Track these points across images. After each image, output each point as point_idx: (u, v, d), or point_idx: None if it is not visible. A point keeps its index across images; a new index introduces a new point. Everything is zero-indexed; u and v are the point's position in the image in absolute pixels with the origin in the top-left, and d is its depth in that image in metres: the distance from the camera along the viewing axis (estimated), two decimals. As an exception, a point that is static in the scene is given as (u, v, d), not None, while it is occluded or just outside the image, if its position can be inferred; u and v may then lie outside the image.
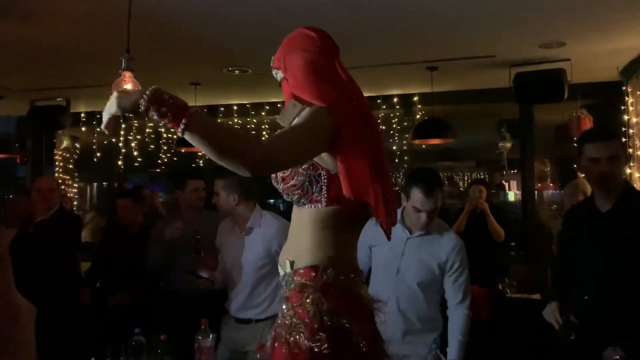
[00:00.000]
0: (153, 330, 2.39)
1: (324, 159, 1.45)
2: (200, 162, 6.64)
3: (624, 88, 4.65)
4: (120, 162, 6.85)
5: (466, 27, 3.77)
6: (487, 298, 3.79)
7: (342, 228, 1.50)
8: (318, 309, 1.39)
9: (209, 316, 2.43)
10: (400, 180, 8.90)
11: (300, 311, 1.42)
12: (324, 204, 1.46)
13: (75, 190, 7.68)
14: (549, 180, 7.84)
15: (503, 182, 8.43)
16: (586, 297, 2.24)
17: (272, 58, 1.60)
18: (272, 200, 7.65)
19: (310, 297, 1.41)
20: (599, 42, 4.01)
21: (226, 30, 3.79)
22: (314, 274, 1.45)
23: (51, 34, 3.82)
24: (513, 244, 5.36)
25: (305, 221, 1.51)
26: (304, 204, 1.49)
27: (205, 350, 2.32)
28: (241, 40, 3.98)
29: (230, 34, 3.87)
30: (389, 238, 1.56)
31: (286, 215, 1.87)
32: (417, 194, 2.41)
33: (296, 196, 1.49)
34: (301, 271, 1.47)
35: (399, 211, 2.56)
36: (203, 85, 5.33)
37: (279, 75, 1.58)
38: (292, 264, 1.50)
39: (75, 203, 7.31)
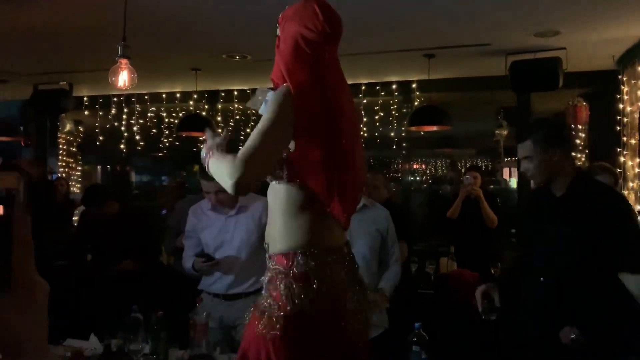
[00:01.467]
0: (150, 308, 2.48)
1: None
2: (202, 146, 6.71)
3: (619, 77, 4.69)
4: (122, 146, 6.92)
5: (463, 16, 3.81)
6: (478, 282, 3.87)
7: (314, 210, 1.55)
8: (290, 293, 1.48)
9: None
10: (398, 166, 8.96)
11: (275, 294, 1.51)
12: (285, 179, 1.53)
13: (79, 173, 7.78)
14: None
15: (500, 169, 8.47)
16: (542, 279, 2.32)
17: (281, 14, 1.64)
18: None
19: (283, 283, 1.50)
20: (594, 31, 4.04)
21: (226, 16, 3.84)
22: (285, 260, 1.52)
23: (53, 18, 3.88)
24: (514, 230, 5.42)
25: (276, 198, 1.58)
26: (270, 180, 1.58)
27: (199, 327, 2.41)
28: (241, 26, 4.03)
29: (230, 20, 3.91)
30: (345, 227, 1.64)
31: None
32: None
33: None
34: (275, 257, 1.56)
35: None
36: (203, 71, 5.39)
37: (278, 30, 1.63)
38: (267, 247, 1.60)
39: (78, 185, 7.41)
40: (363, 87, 5.72)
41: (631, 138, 4.43)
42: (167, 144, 7.24)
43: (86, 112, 6.86)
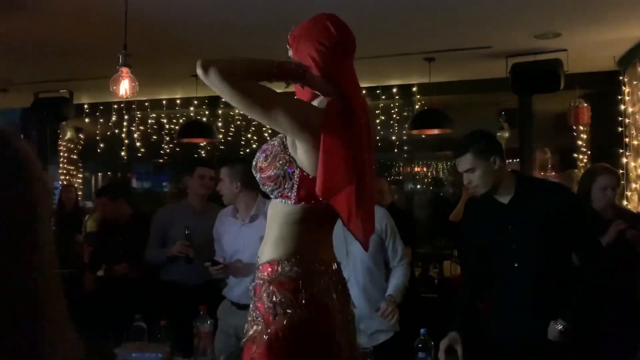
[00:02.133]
0: (153, 317, 2.47)
1: (300, 158, 1.47)
2: (202, 152, 6.71)
3: (620, 78, 4.68)
4: (123, 153, 6.92)
5: (463, 19, 3.81)
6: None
7: (311, 223, 1.52)
8: (273, 303, 1.44)
9: (207, 303, 2.51)
10: (400, 170, 8.95)
11: (259, 305, 1.47)
12: (293, 200, 1.49)
13: (80, 180, 7.77)
14: (549, 168, 7.88)
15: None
16: (517, 284, 2.34)
17: (289, 34, 1.60)
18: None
19: (266, 292, 1.46)
20: (595, 32, 4.04)
21: (226, 23, 3.84)
22: (270, 268, 1.49)
23: (54, 27, 3.88)
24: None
25: (275, 214, 1.54)
26: (276, 197, 1.53)
27: (204, 335, 2.40)
28: (241, 33, 4.03)
29: (230, 26, 3.92)
30: (365, 248, 1.61)
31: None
32: None
33: (269, 188, 1.52)
34: (261, 267, 1.52)
35: None
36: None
37: (290, 52, 1.60)
38: (258, 260, 1.56)
39: (80, 193, 7.40)
40: (364, 91, 5.70)
41: (633, 139, 4.41)
42: (167, 151, 7.24)
43: (87, 120, 6.86)
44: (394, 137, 6.00)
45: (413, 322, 2.59)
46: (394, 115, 5.98)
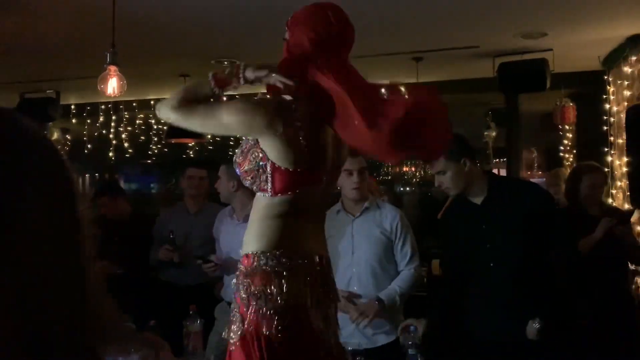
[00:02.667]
0: (143, 316, 2.45)
1: (267, 150, 1.50)
2: (191, 152, 6.69)
3: (605, 77, 4.73)
4: (111, 154, 6.87)
5: (451, 18, 3.83)
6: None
7: (291, 215, 1.53)
8: (247, 293, 1.46)
9: (197, 303, 2.51)
10: (389, 169, 8.98)
11: (237, 297, 1.50)
12: (270, 193, 1.52)
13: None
14: (535, 167, 7.96)
15: (490, 170, 8.52)
16: (493, 285, 2.37)
17: (291, 15, 1.61)
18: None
19: (242, 284, 1.48)
20: (580, 32, 4.08)
21: (215, 22, 3.83)
22: (247, 261, 1.51)
23: (40, 26, 3.85)
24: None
25: (256, 207, 1.57)
26: (257, 191, 1.57)
27: (194, 336, 2.39)
28: (230, 32, 4.02)
29: (219, 25, 3.91)
30: (435, 156, 1.74)
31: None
32: None
33: (248, 182, 1.57)
34: (240, 259, 1.54)
35: (339, 203, 2.78)
36: (192, 77, 5.36)
37: (286, 34, 1.61)
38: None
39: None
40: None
41: (618, 137, 4.47)
42: (156, 151, 7.20)
43: (74, 120, 6.80)
44: (382, 137, 6.01)
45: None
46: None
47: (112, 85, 2.97)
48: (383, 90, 1.50)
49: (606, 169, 4.25)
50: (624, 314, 3.07)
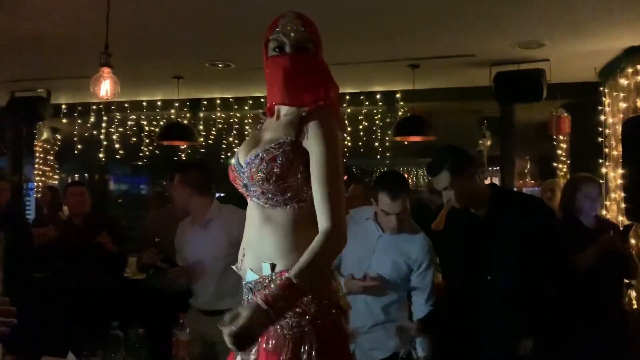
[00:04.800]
0: (130, 324, 2.40)
1: (306, 160, 1.47)
2: (183, 155, 6.62)
3: (601, 89, 4.74)
4: (101, 155, 6.79)
5: (448, 27, 3.81)
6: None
7: (314, 226, 1.47)
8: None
9: (186, 310, 2.45)
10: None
11: (299, 310, 1.42)
12: (308, 202, 1.47)
13: (57, 182, 7.60)
14: (528, 177, 7.97)
15: (484, 179, 8.54)
16: (489, 298, 2.36)
17: (304, 29, 1.54)
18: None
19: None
20: (577, 43, 4.08)
21: (209, 24, 3.78)
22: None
23: (32, 24, 3.78)
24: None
25: (283, 221, 1.49)
26: (286, 204, 1.49)
27: (182, 344, 2.33)
28: (225, 34, 3.97)
29: (213, 28, 3.86)
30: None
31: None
32: (384, 198, 2.50)
33: (288, 195, 1.47)
34: (278, 274, 1.46)
35: (373, 209, 2.64)
36: (186, 79, 5.31)
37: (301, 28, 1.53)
38: (272, 266, 1.47)
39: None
40: (347, 97, 5.70)
41: (613, 149, 4.46)
42: (147, 153, 7.12)
43: (64, 120, 6.72)
44: (376, 144, 5.99)
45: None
46: (377, 122, 5.97)
47: (105, 88, 2.91)
48: None
49: (600, 181, 4.25)
50: (618, 328, 3.06)
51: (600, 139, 4.68)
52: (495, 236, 2.35)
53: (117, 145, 6.74)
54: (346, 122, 5.34)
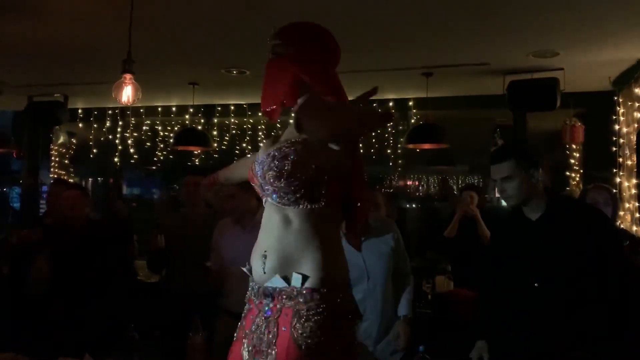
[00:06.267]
0: (147, 326, 2.43)
1: (323, 158, 1.44)
2: (196, 160, 6.68)
3: (615, 98, 4.72)
4: (116, 159, 6.87)
5: (462, 35, 3.83)
6: (476, 301, 3.84)
7: (332, 226, 1.49)
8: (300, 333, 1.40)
9: (201, 313, 2.48)
10: (394, 183, 8.97)
11: (281, 327, 1.43)
12: (322, 203, 1.46)
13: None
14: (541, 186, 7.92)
15: (494, 187, 8.49)
16: (526, 310, 2.26)
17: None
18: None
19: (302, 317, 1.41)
20: (592, 52, 4.08)
21: (226, 31, 3.83)
22: (311, 296, 1.44)
23: (51, 30, 3.85)
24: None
25: (302, 223, 1.48)
26: (298, 203, 1.47)
27: (198, 347, 2.36)
28: (240, 42, 4.02)
29: (229, 35, 3.91)
30: (359, 248, 1.61)
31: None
32: None
33: (299, 194, 1.45)
34: (322, 291, 1.44)
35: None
36: (201, 85, 5.37)
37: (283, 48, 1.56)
38: (304, 279, 1.45)
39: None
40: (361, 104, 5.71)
41: (627, 159, 4.45)
42: (161, 158, 7.19)
43: (80, 125, 6.81)
44: (389, 151, 6.01)
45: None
46: (390, 129, 5.99)
47: (127, 94, 2.96)
48: None
49: (614, 190, 4.23)
50: None
51: (614, 149, 4.66)
52: (545, 241, 2.23)
53: (131, 150, 6.81)
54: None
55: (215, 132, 6.35)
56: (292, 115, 1.63)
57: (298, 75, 1.50)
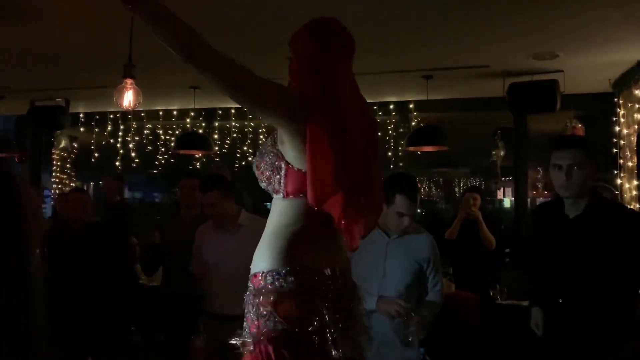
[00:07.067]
0: (149, 330, 2.44)
1: (286, 151, 1.49)
2: (197, 164, 6.69)
3: (615, 100, 4.73)
4: (117, 163, 6.88)
5: (462, 38, 3.84)
6: (478, 304, 3.85)
7: (303, 220, 1.49)
8: (256, 314, 1.44)
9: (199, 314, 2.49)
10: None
11: (246, 316, 1.47)
12: (282, 194, 1.50)
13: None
14: (541, 188, 7.93)
15: (497, 189, 8.49)
16: (560, 300, 2.26)
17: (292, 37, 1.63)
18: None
19: (250, 303, 1.46)
20: (591, 54, 4.09)
21: (226, 35, 3.84)
22: (254, 280, 1.48)
23: (53, 35, 3.87)
24: (507, 250, 5.43)
25: (273, 213, 1.55)
26: (272, 193, 1.55)
27: (200, 351, 2.37)
28: (240, 46, 4.03)
29: (229, 39, 3.92)
30: (352, 247, 1.56)
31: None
32: (402, 200, 2.49)
33: (264, 184, 1.56)
34: (250, 278, 1.51)
35: None
36: (202, 89, 5.39)
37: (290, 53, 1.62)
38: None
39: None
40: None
41: (628, 160, 4.45)
42: (162, 161, 7.21)
43: (82, 129, 6.83)
44: (389, 153, 6.02)
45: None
46: (390, 132, 6.00)
47: (129, 98, 2.98)
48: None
49: (615, 192, 4.23)
50: None
51: (614, 150, 4.67)
52: (580, 240, 2.19)
53: (133, 154, 6.83)
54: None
55: (216, 136, 6.37)
56: None
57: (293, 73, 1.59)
